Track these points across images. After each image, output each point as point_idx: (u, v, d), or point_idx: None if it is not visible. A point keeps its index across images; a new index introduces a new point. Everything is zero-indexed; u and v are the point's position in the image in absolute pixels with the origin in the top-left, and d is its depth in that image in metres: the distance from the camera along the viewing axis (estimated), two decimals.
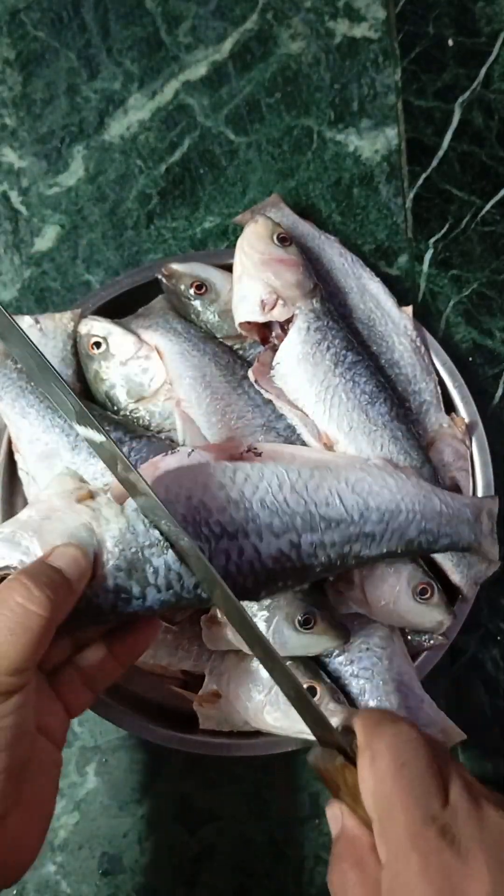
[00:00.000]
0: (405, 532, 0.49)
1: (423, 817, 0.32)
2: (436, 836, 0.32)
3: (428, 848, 0.31)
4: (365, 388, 0.56)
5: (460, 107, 0.70)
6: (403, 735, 0.35)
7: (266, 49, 0.70)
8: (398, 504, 0.49)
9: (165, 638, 0.55)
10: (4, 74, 0.69)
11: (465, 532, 0.52)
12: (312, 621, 0.50)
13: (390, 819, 0.33)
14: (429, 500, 0.50)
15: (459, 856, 0.31)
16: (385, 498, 0.49)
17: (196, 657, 0.55)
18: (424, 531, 0.50)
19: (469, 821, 0.32)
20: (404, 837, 0.32)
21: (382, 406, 0.56)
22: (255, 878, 0.59)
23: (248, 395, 0.56)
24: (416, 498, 0.50)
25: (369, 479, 0.49)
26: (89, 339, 0.57)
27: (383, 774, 0.34)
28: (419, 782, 0.33)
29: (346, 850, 0.35)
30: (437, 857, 0.31)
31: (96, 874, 0.59)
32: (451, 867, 0.31)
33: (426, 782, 0.33)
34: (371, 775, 0.34)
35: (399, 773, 0.33)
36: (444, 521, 0.51)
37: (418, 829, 0.32)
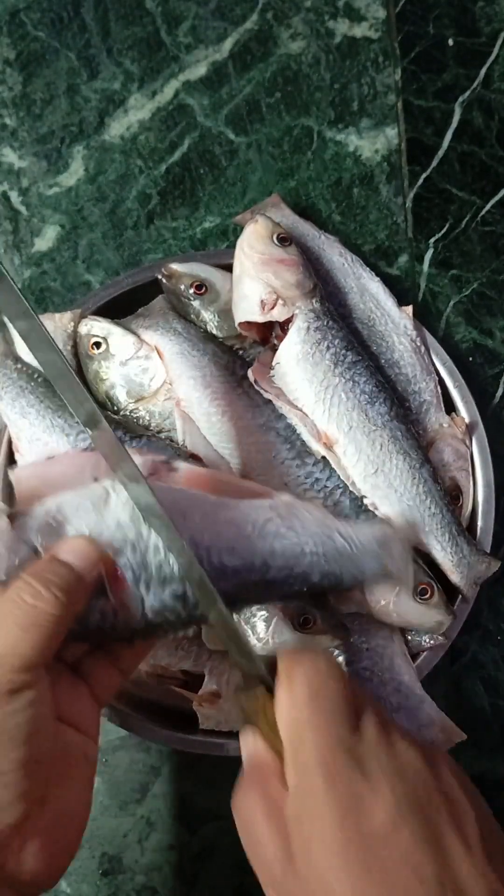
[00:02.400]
0: (308, 577, 0.46)
1: (333, 741, 0.33)
2: (344, 760, 0.32)
3: (336, 770, 0.32)
4: (365, 387, 0.56)
5: (460, 107, 0.70)
6: (321, 664, 0.36)
7: (266, 49, 0.70)
8: (302, 547, 0.46)
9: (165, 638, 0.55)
10: (4, 74, 0.69)
11: (373, 566, 0.49)
12: (312, 621, 0.50)
13: (301, 743, 0.34)
14: (331, 540, 0.47)
15: (366, 779, 0.32)
16: (290, 541, 0.45)
17: (196, 657, 0.55)
18: (327, 574, 0.46)
19: (377, 748, 0.33)
20: (314, 760, 0.33)
21: (382, 406, 0.56)
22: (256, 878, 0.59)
23: (248, 395, 0.56)
24: (318, 539, 0.47)
25: (277, 520, 0.46)
26: (89, 340, 0.57)
27: (298, 700, 0.34)
28: (332, 709, 0.34)
29: (253, 775, 0.36)
30: (344, 779, 0.32)
31: (96, 874, 0.59)
32: (358, 789, 0.32)
33: (339, 709, 0.34)
34: (287, 700, 0.35)
35: (313, 699, 0.34)
36: (346, 559, 0.48)
37: (328, 752, 0.33)
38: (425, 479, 0.55)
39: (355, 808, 0.31)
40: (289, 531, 0.45)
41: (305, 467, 0.55)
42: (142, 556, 0.41)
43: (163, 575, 0.41)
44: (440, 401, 0.60)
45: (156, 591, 0.41)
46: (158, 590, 0.41)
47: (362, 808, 0.31)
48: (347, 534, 0.48)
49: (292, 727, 0.34)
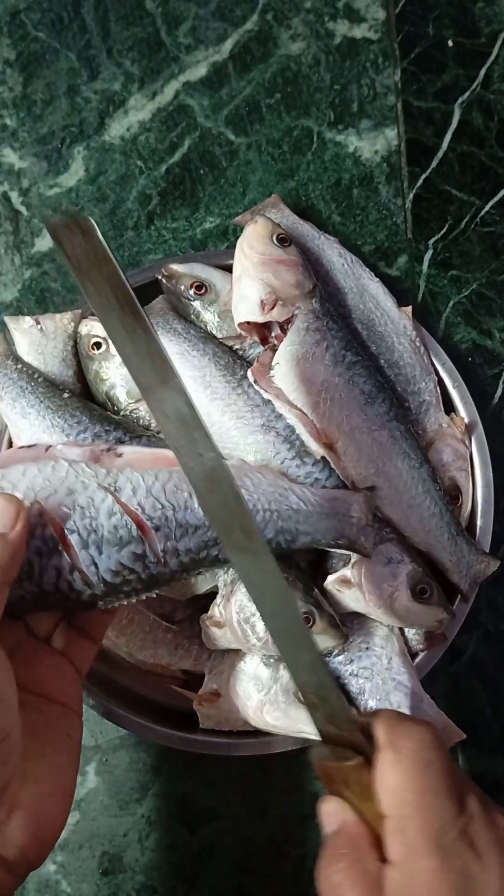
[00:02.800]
0: (262, 532, 0.47)
1: (445, 818, 0.33)
2: (456, 837, 0.32)
3: (448, 847, 0.32)
4: (364, 387, 0.56)
5: (460, 107, 0.71)
6: (428, 736, 0.35)
7: (266, 50, 0.70)
8: (254, 504, 0.47)
9: (165, 637, 0.55)
10: (5, 75, 0.69)
11: (331, 528, 0.50)
12: (311, 621, 0.50)
13: (411, 817, 0.33)
14: (284, 498, 0.49)
15: (477, 857, 0.32)
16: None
17: (196, 657, 0.55)
18: (281, 531, 0.48)
19: (485, 826, 0.33)
20: (426, 836, 0.32)
21: (381, 406, 0.56)
22: (255, 877, 0.59)
23: (247, 395, 0.56)
24: (271, 497, 0.48)
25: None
26: (90, 340, 0.57)
27: (407, 773, 0.34)
28: (441, 784, 0.33)
29: (345, 846, 0.35)
30: (456, 857, 0.32)
31: (97, 874, 0.59)
32: (470, 867, 0.32)
33: (449, 785, 0.34)
34: (394, 772, 0.34)
35: (423, 771, 0.33)
36: (302, 518, 0.49)
37: (439, 827, 0.32)
38: (424, 479, 0.55)
39: (468, 887, 0.32)
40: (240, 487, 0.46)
41: (305, 467, 0.55)
42: (91, 519, 0.42)
43: (118, 536, 0.42)
44: (439, 401, 0.60)
45: (109, 553, 0.42)
46: (113, 551, 0.42)
47: (474, 886, 0.32)
48: (303, 494, 0.50)
49: (400, 799, 0.33)
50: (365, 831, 0.35)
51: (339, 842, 0.35)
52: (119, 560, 0.42)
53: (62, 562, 0.41)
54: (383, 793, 0.34)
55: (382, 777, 0.34)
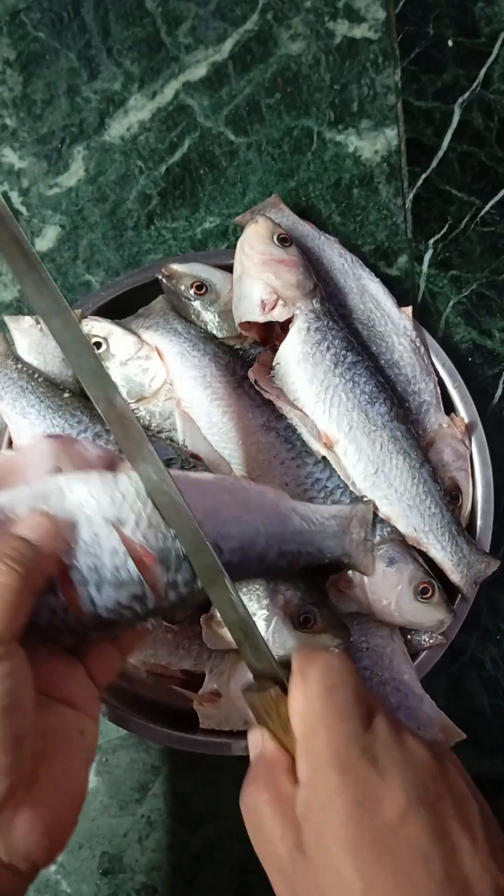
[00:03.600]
0: (264, 557, 0.46)
1: (347, 736, 0.34)
2: (357, 754, 0.33)
3: (349, 763, 0.33)
4: (364, 388, 0.56)
5: (460, 107, 0.71)
6: (334, 662, 0.37)
7: (266, 50, 0.70)
8: (257, 529, 0.46)
9: (165, 638, 0.55)
10: (5, 75, 0.69)
11: (331, 546, 0.50)
12: (312, 621, 0.50)
13: (314, 736, 0.34)
14: (288, 521, 0.48)
15: (378, 772, 0.33)
16: (244, 523, 0.45)
17: (196, 657, 0.55)
18: (284, 553, 0.47)
19: (389, 744, 0.34)
20: (327, 753, 0.34)
21: (382, 406, 0.56)
22: (255, 877, 0.59)
23: (248, 395, 0.56)
24: (275, 521, 0.47)
25: (229, 501, 0.46)
26: (90, 340, 0.57)
27: (312, 695, 0.35)
28: (345, 704, 0.35)
29: (262, 771, 0.36)
30: (356, 772, 0.33)
31: (96, 873, 0.59)
32: (369, 782, 0.33)
33: (352, 705, 0.35)
34: (301, 696, 0.36)
35: (327, 693, 0.35)
36: (306, 539, 0.49)
37: (341, 745, 0.34)
38: (425, 479, 0.55)
39: (367, 799, 0.32)
40: (242, 514, 0.46)
41: (305, 467, 0.55)
42: (94, 557, 0.40)
43: (119, 578, 0.40)
44: (440, 401, 0.60)
45: (108, 593, 0.40)
46: (111, 591, 0.40)
47: (374, 799, 0.32)
48: (304, 514, 0.49)
49: (306, 721, 0.35)
50: (282, 757, 0.36)
51: (258, 766, 0.37)
52: (118, 600, 0.41)
53: (58, 601, 0.40)
54: (293, 717, 0.36)
55: (292, 702, 0.36)
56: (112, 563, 0.40)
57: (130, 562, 0.41)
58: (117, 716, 0.54)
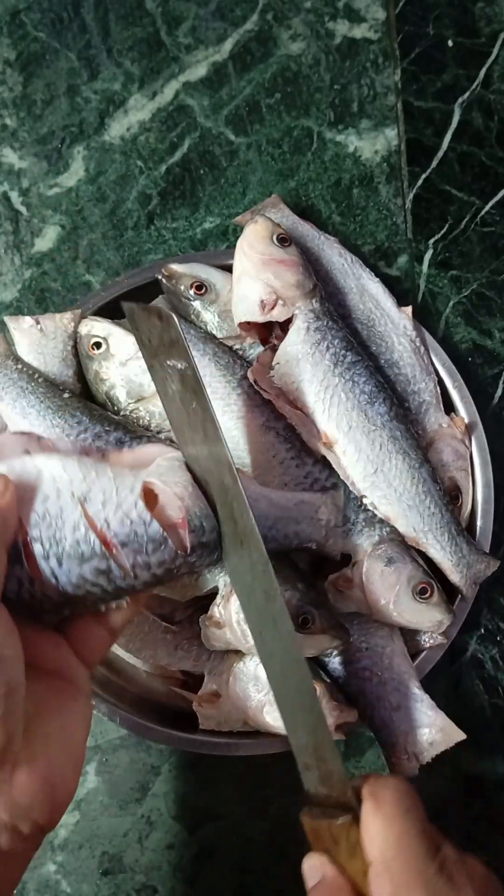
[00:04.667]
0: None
1: (425, 856, 0.36)
2: (436, 873, 0.36)
3: (430, 881, 0.35)
4: (364, 387, 0.56)
5: (460, 107, 0.71)
6: (404, 786, 0.38)
7: (266, 50, 0.70)
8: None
9: (165, 638, 0.55)
10: (5, 75, 0.69)
11: (300, 531, 0.50)
12: (311, 621, 0.50)
13: (395, 858, 0.36)
14: (254, 503, 0.48)
15: (456, 890, 0.35)
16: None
17: (196, 657, 0.55)
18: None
19: (460, 864, 0.37)
20: (409, 872, 0.36)
21: (382, 406, 0.56)
22: (255, 877, 0.59)
23: (247, 395, 0.56)
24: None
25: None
26: (89, 340, 0.57)
27: (388, 818, 0.37)
28: (421, 827, 0.37)
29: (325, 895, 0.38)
30: (438, 890, 0.35)
31: (96, 873, 0.59)
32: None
33: (425, 829, 0.37)
34: (376, 820, 0.37)
35: (404, 817, 0.37)
36: (270, 522, 0.49)
37: (421, 865, 0.36)
38: (425, 479, 0.55)
39: None
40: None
41: (305, 467, 0.55)
42: (56, 530, 0.41)
43: (80, 551, 0.41)
44: (439, 401, 0.60)
45: (70, 566, 0.41)
46: (73, 565, 0.41)
47: None
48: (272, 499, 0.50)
49: (383, 844, 0.36)
50: (345, 883, 0.38)
51: (320, 893, 0.38)
52: (81, 574, 0.41)
53: (23, 571, 0.40)
54: (368, 840, 0.37)
55: (366, 826, 0.37)
56: (73, 536, 0.41)
57: (93, 536, 0.41)
58: (117, 716, 0.54)
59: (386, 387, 0.57)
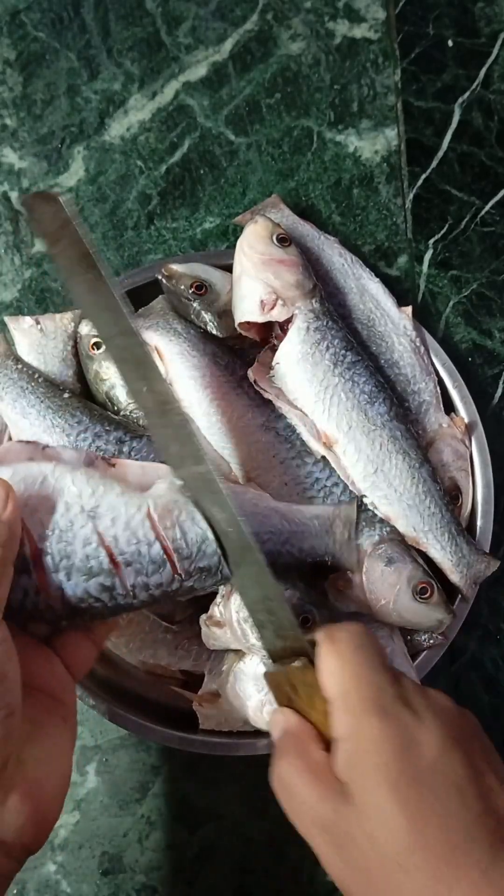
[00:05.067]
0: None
1: (381, 685, 0.36)
2: (394, 700, 0.36)
3: (388, 707, 0.35)
4: (364, 387, 0.56)
5: (460, 107, 0.71)
6: (359, 628, 0.39)
7: (266, 50, 0.70)
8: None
9: (165, 638, 0.55)
10: (5, 75, 0.69)
11: (314, 546, 0.51)
12: (311, 621, 0.50)
13: (351, 689, 0.36)
14: (266, 519, 0.48)
15: (415, 716, 0.35)
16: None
17: (196, 657, 0.55)
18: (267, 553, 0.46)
19: (418, 693, 0.37)
20: (366, 702, 0.35)
21: (382, 406, 0.56)
22: (255, 877, 0.59)
23: (247, 395, 0.56)
24: (252, 519, 0.47)
25: None
26: (89, 340, 0.57)
27: (344, 653, 0.37)
28: (377, 660, 0.37)
29: (290, 744, 0.37)
30: (396, 717, 0.35)
31: (96, 874, 0.59)
32: (409, 726, 0.35)
33: (382, 661, 0.37)
34: (332, 656, 0.37)
35: (358, 651, 0.37)
36: (284, 538, 0.49)
37: (379, 693, 0.36)
38: (425, 479, 0.55)
39: (408, 742, 0.34)
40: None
41: (305, 467, 0.55)
42: (67, 544, 0.41)
43: (88, 566, 0.41)
44: (440, 401, 0.60)
45: (77, 581, 0.41)
46: (81, 580, 0.41)
47: (414, 741, 0.34)
48: (285, 514, 0.50)
49: (340, 678, 0.36)
50: (308, 727, 0.38)
51: (285, 741, 0.38)
52: (86, 589, 0.41)
53: (31, 581, 0.40)
54: (325, 678, 0.37)
55: (322, 665, 0.37)
56: (83, 551, 0.41)
57: (102, 552, 0.41)
58: (117, 716, 0.54)
59: (386, 387, 0.57)
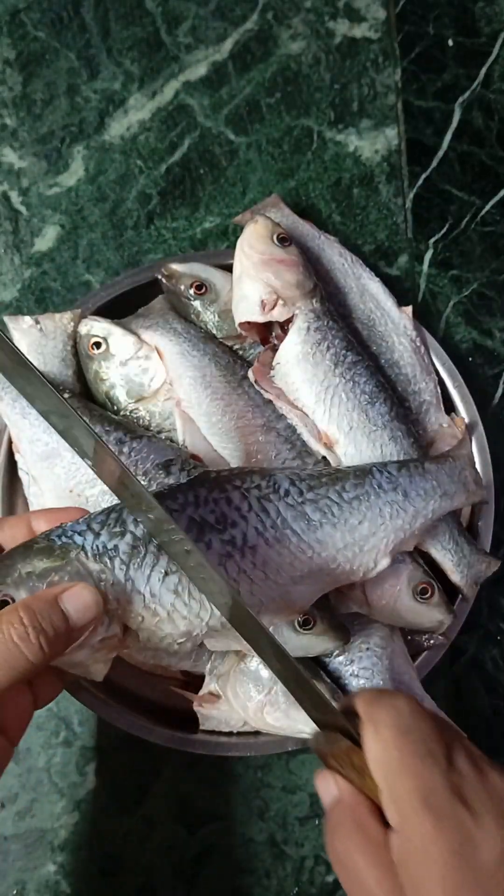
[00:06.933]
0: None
1: (432, 778, 0.32)
2: (447, 796, 0.32)
3: (440, 807, 0.32)
4: (365, 387, 0.56)
5: (460, 107, 0.71)
6: (403, 704, 0.35)
7: (266, 49, 0.70)
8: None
9: None
10: (5, 75, 0.69)
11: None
12: (312, 622, 0.50)
13: (399, 783, 0.33)
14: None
15: (471, 814, 0.32)
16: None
17: (196, 657, 0.55)
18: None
19: (475, 783, 0.33)
20: (416, 799, 0.32)
21: (382, 406, 0.56)
22: (255, 878, 0.59)
23: (248, 395, 0.56)
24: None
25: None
26: (89, 340, 0.57)
27: (387, 741, 0.34)
28: (423, 747, 0.34)
29: (345, 815, 0.35)
30: (450, 816, 0.32)
31: (97, 874, 0.59)
32: (464, 824, 0.31)
33: (430, 747, 0.34)
34: (376, 744, 0.34)
35: (404, 737, 0.34)
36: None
37: (428, 790, 0.32)
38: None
39: (464, 846, 0.31)
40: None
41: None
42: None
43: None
44: (440, 401, 0.60)
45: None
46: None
47: (472, 845, 0.31)
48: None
49: (386, 770, 0.34)
50: (363, 799, 0.35)
51: (339, 812, 0.35)
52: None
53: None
54: (372, 766, 0.34)
55: (368, 752, 0.34)
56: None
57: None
58: (117, 715, 0.54)
59: (386, 387, 0.57)
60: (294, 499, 0.48)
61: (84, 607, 0.38)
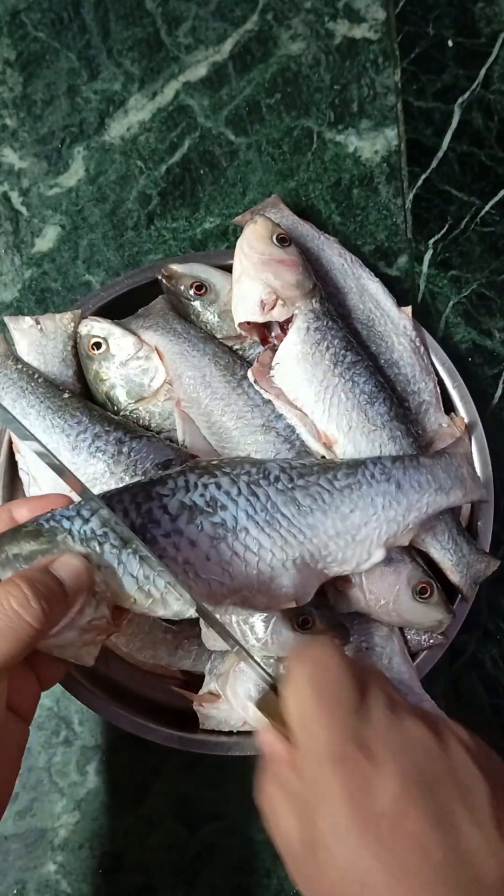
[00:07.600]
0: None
1: (338, 731, 0.33)
2: (349, 746, 0.33)
3: (342, 757, 0.33)
4: (364, 387, 0.56)
5: (460, 107, 0.71)
6: (319, 654, 0.36)
7: (266, 50, 0.70)
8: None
9: (165, 638, 0.55)
10: (5, 75, 0.69)
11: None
12: (311, 622, 0.50)
13: (310, 737, 0.34)
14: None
15: (371, 762, 0.32)
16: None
17: (196, 657, 0.55)
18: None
19: (383, 729, 0.33)
20: (320, 750, 0.33)
21: (382, 406, 0.56)
22: (255, 877, 0.59)
23: (247, 395, 0.56)
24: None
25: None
26: (89, 340, 0.57)
27: (301, 697, 0.35)
28: (334, 698, 0.34)
29: (269, 768, 0.36)
30: (349, 765, 0.32)
31: (97, 873, 0.59)
32: (364, 773, 0.32)
33: (341, 697, 0.34)
34: (291, 698, 0.35)
35: (315, 692, 0.34)
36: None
37: (333, 741, 0.33)
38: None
39: (362, 791, 0.32)
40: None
41: None
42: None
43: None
44: (439, 401, 0.60)
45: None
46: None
47: (367, 790, 0.32)
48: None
49: (299, 723, 0.35)
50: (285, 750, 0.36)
51: (269, 763, 0.36)
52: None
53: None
54: (289, 720, 0.35)
55: (286, 707, 0.36)
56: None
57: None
58: (117, 716, 0.54)
59: (386, 387, 0.57)
60: (284, 484, 0.48)
61: (76, 572, 0.39)
